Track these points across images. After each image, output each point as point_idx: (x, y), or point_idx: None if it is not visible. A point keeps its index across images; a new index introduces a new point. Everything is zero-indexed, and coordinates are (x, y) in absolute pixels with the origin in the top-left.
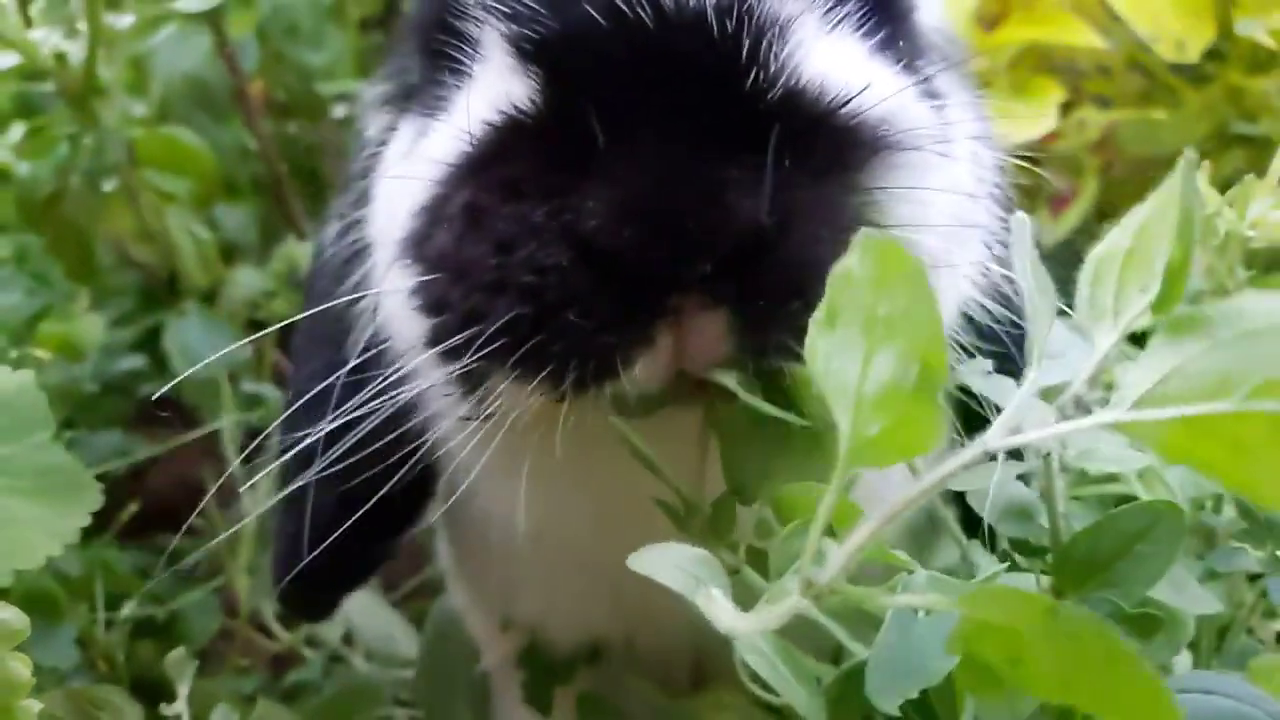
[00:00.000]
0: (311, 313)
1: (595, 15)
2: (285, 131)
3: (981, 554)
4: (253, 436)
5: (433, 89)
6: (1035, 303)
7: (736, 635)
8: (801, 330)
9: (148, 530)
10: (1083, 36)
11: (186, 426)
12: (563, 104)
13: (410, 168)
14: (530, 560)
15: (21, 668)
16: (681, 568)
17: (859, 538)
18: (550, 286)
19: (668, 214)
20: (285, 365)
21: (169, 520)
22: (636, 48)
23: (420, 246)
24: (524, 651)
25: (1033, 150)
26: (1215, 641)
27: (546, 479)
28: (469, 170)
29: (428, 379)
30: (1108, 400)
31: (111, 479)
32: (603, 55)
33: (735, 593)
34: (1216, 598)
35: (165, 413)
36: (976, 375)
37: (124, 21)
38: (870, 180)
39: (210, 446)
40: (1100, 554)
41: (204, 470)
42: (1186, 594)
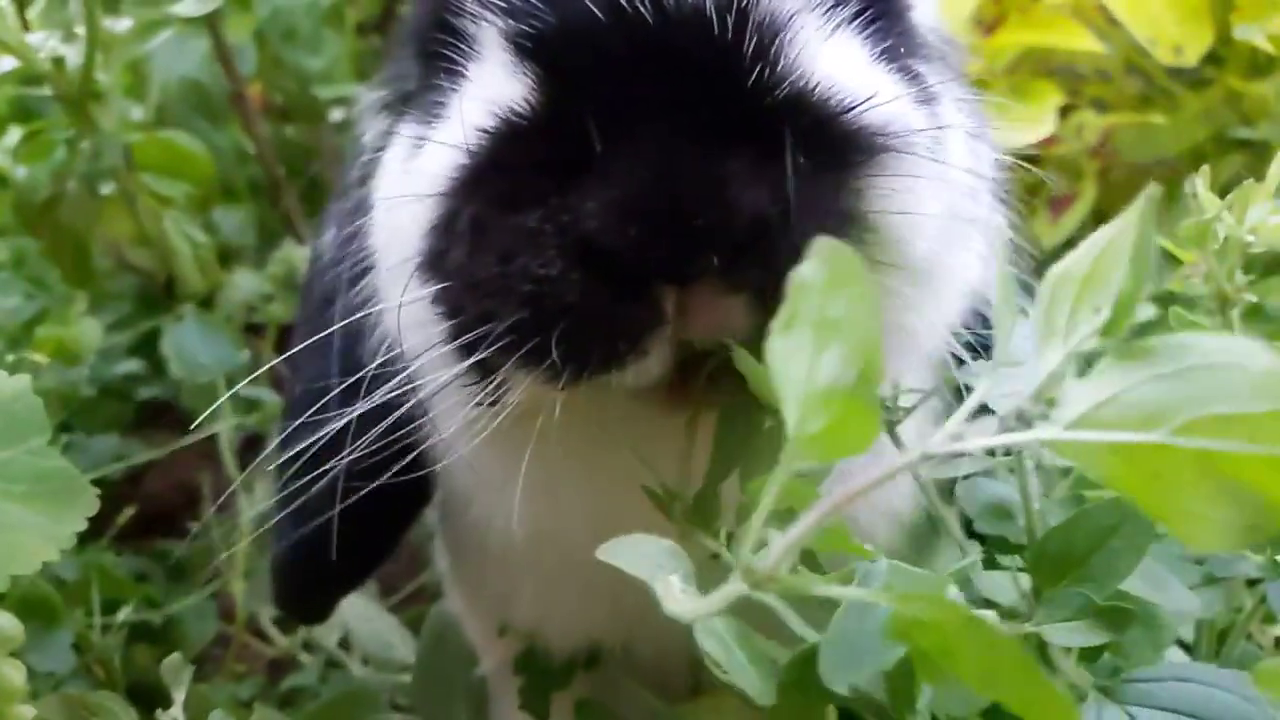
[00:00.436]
0: (309, 319)
1: (594, 10)
2: (283, 135)
3: (977, 553)
4: (250, 441)
5: (430, 94)
6: (1000, 311)
7: (684, 619)
8: None
9: (145, 534)
10: (1081, 40)
11: (184, 431)
12: (560, 103)
13: (411, 183)
14: (528, 565)
15: (15, 673)
16: (647, 557)
17: (800, 530)
18: (547, 294)
19: (669, 210)
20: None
21: (166, 524)
22: (636, 43)
23: (437, 263)
24: (521, 656)
25: (1031, 154)
26: (1215, 646)
27: (545, 483)
28: (471, 183)
29: (441, 377)
30: (1048, 417)
31: (109, 483)
32: (601, 51)
33: (718, 580)
34: (1215, 603)
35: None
36: (975, 375)
37: (122, 25)
38: (868, 183)
39: (208, 451)
40: (1074, 550)
41: (201, 474)
42: (1168, 593)
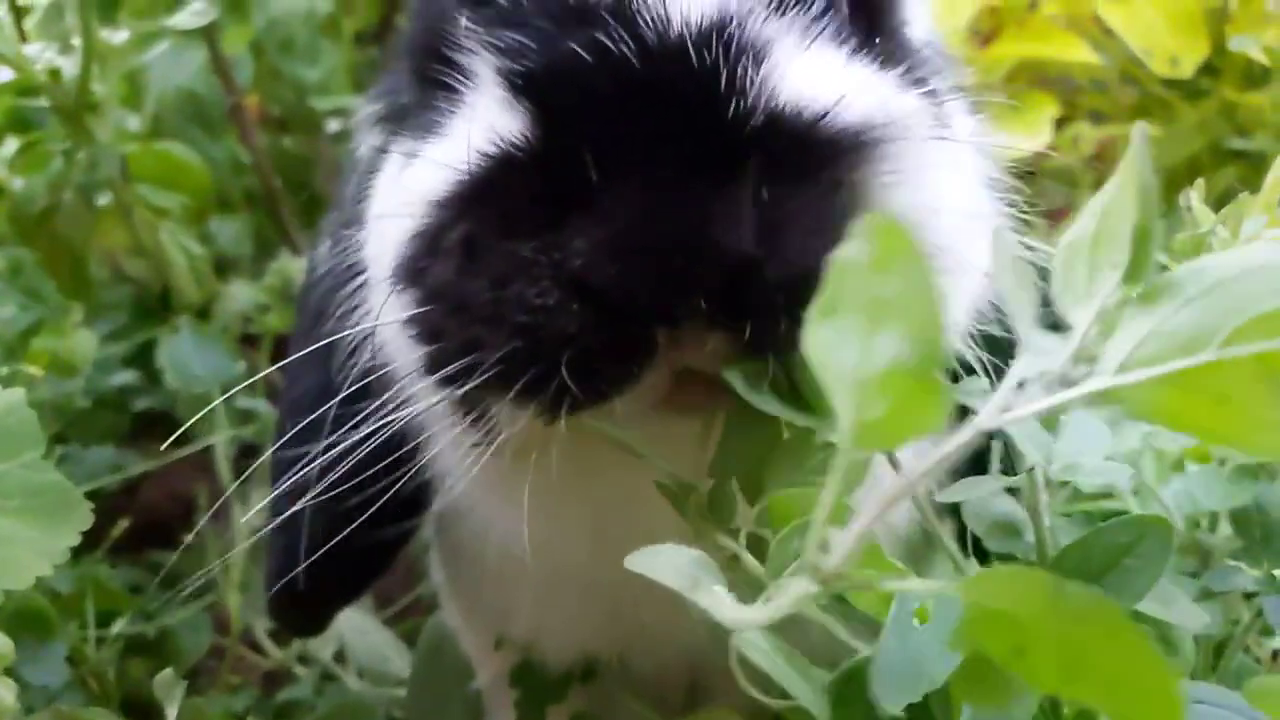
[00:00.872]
0: (305, 331)
1: (579, 51)
2: (279, 146)
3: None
4: (246, 452)
5: (426, 112)
6: (1016, 298)
7: (740, 628)
8: (800, 330)
9: (140, 546)
10: (1077, 52)
11: (179, 442)
12: (554, 139)
13: (405, 196)
14: (524, 578)
15: (6, 692)
16: (680, 569)
17: (865, 519)
18: (542, 325)
19: (653, 252)
20: (279, 381)
21: (161, 536)
22: (620, 82)
23: (417, 275)
24: (517, 669)
25: (1028, 164)
26: (1212, 660)
27: (544, 498)
28: (466, 202)
29: (426, 402)
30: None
31: (104, 494)
32: (588, 91)
33: (733, 590)
34: (1212, 616)
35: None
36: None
37: (119, 36)
38: (863, 178)
39: (203, 462)
40: (1089, 568)
41: (197, 486)
42: (1176, 609)
